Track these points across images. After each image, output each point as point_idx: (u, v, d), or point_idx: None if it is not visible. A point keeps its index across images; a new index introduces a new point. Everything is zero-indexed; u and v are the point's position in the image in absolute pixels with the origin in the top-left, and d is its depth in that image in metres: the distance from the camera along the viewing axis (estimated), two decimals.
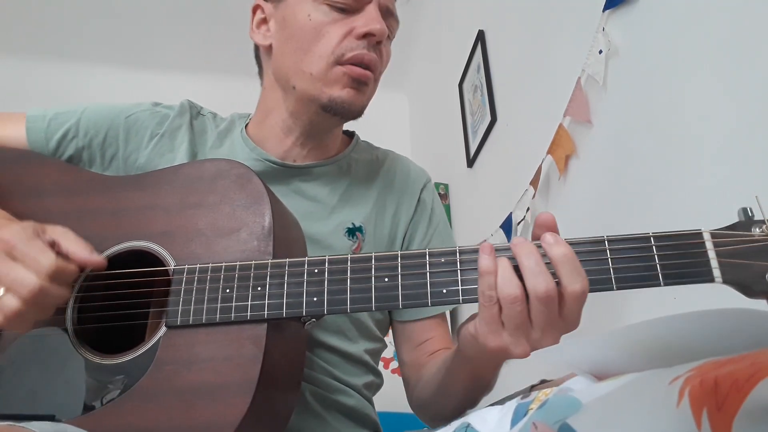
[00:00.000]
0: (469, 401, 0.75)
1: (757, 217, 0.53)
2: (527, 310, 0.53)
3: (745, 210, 0.54)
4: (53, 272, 0.59)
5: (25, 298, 0.57)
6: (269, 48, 0.86)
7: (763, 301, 0.51)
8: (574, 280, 0.52)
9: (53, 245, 0.61)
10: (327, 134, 0.88)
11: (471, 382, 0.71)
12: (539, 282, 0.52)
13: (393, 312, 0.90)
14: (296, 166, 0.87)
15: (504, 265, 0.54)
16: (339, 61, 0.78)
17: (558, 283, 0.53)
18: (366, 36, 0.78)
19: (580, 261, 0.54)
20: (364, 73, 0.79)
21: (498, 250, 0.56)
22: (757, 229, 0.52)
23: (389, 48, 0.87)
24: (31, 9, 2.42)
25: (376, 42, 0.80)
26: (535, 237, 0.57)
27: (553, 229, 0.57)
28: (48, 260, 0.59)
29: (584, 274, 0.53)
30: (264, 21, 0.87)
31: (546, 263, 0.54)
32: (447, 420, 0.82)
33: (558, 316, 0.53)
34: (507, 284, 0.53)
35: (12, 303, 0.57)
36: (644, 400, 0.32)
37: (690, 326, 0.37)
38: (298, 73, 0.81)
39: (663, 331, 0.38)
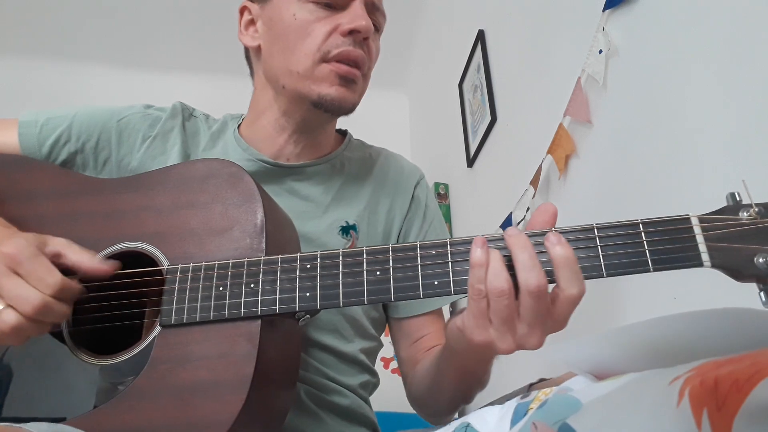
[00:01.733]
0: (461, 397, 0.75)
1: (745, 201, 0.53)
2: (515, 305, 0.53)
3: (732, 194, 0.54)
4: (59, 291, 0.58)
5: (27, 315, 0.57)
6: (258, 49, 0.86)
7: (756, 294, 0.51)
8: (572, 284, 0.52)
9: (57, 257, 0.61)
10: (319, 131, 0.88)
11: (460, 376, 0.71)
12: (531, 276, 0.52)
13: (389, 309, 0.90)
14: (289, 166, 0.87)
15: (495, 258, 0.53)
16: (325, 59, 0.79)
17: (555, 285, 0.53)
18: (352, 32, 0.79)
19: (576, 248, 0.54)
20: (350, 71, 0.79)
21: (491, 241, 0.56)
22: (745, 213, 0.52)
23: (378, 43, 0.87)
24: (31, 9, 2.42)
25: (363, 38, 0.80)
26: (534, 223, 0.57)
27: (553, 219, 0.56)
28: (54, 279, 0.58)
29: (582, 279, 0.52)
30: (252, 22, 0.87)
31: (542, 260, 0.53)
32: (442, 415, 0.83)
33: (547, 313, 0.53)
34: (496, 277, 0.52)
35: (10, 318, 0.57)
36: (644, 400, 0.32)
37: (690, 326, 0.37)
38: (286, 73, 0.81)
39: (663, 331, 0.38)
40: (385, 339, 0.93)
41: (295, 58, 0.80)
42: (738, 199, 0.53)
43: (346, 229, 0.85)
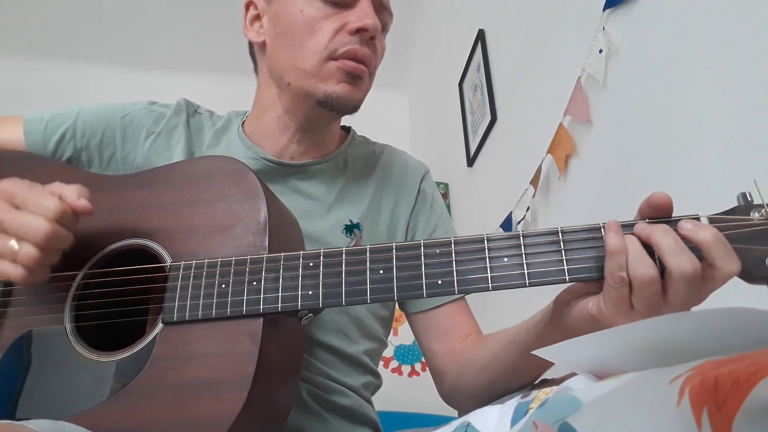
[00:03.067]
0: (537, 378, 0.71)
1: (757, 201, 0.52)
2: (662, 290, 0.50)
3: (744, 194, 0.52)
4: (60, 214, 0.59)
5: (39, 244, 0.57)
6: (263, 45, 0.86)
7: (764, 293, 0.50)
8: (730, 261, 0.49)
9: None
10: (323, 130, 0.88)
11: (528, 367, 0.67)
12: (684, 260, 0.49)
13: (406, 304, 0.88)
14: (293, 164, 0.86)
15: (634, 244, 0.51)
16: (332, 57, 0.78)
17: (709, 265, 0.50)
18: (359, 31, 0.78)
19: (576, 248, 0.54)
20: (357, 67, 0.79)
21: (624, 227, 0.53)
22: (757, 214, 0.51)
23: (383, 42, 0.87)
24: (31, 9, 2.42)
25: (370, 37, 0.79)
26: (642, 213, 0.55)
27: (670, 210, 0.54)
28: (53, 203, 0.59)
29: (736, 256, 0.50)
30: (257, 17, 0.87)
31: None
32: (497, 398, 0.75)
33: (697, 295, 0.50)
34: (640, 265, 0.50)
35: (30, 251, 0.57)
36: (644, 400, 0.32)
37: (690, 326, 0.37)
38: (292, 70, 0.81)
39: (663, 331, 0.38)
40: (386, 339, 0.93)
41: (301, 55, 0.79)
42: (749, 199, 0.52)
43: (350, 228, 0.85)
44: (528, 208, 1.44)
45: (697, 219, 0.53)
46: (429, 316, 0.86)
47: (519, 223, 1.47)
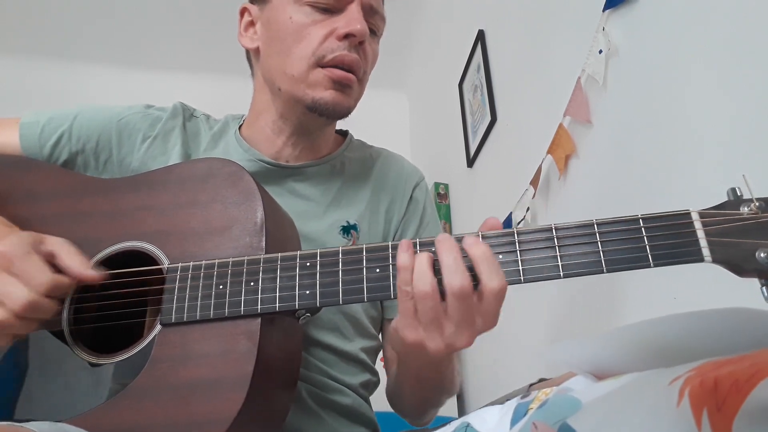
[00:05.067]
0: (421, 401, 0.78)
1: (746, 196, 0.53)
2: (443, 306, 0.55)
3: (733, 189, 0.53)
4: (49, 289, 0.59)
5: (14, 312, 0.58)
6: (257, 50, 0.87)
7: (757, 291, 0.50)
8: (492, 278, 0.54)
9: (51, 257, 0.62)
10: (317, 134, 0.89)
11: (416, 382, 0.73)
12: (455, 278, 0.53)
13: (385, 311, 0.90)
14: (290, 166, 0.87)
15: (421, 261, 0.55)
16: (320, 63, 0.79)
17: (477, 281, 0.54)
18: (347, 36, 0.79)
19: (570, 245, 0.55)
20: (345, 76, 0.79)
21: (423, 245, 0.58)
22: (746, 208, 0.52)
23: (376, 47, 0.87)
24: (31, 9, 2.42)
25: (359, 42, 0.80)
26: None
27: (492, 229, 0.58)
28: (44, 277, 0.59)
29: (502, 273, 0.54)
30: (251, 24, 0.88)
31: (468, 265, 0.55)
32: (411, 417, 0.87)
33: (474, 313, 0.55)
34: (420, 280, 0.54)
35: (2, 314, 0.58)
36: (644, 400, 0.32)
37: (690, 326, 0.37)
38: (282, 75, 0.81)
39: (663, 331, 0.38)
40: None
41: (290, 60, 0.80)
42: (739, 194, 0.53)
43: (347, 229, 0.85)
44: (528, 209, 1.44)
45: (687, 214, 0.54)
46: (386, 325, 0.90)
47: (519, 223, 1.47)
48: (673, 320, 0.38)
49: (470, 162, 1.98)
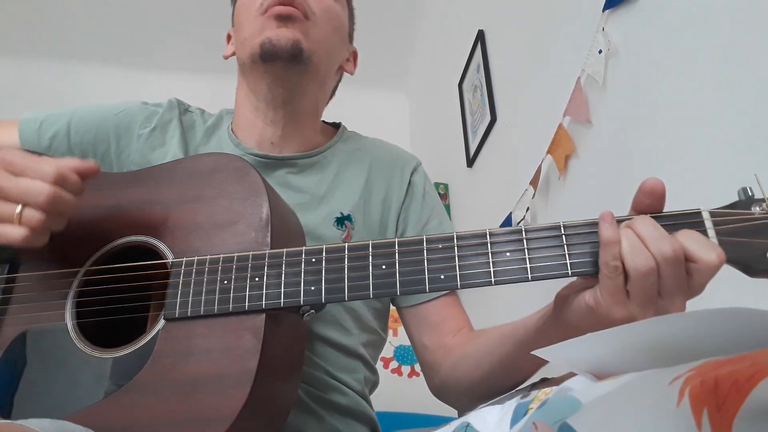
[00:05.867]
0: (531, 375, 0.70)
1: (758, 195, 0.52)
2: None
3: (744, 189, 0.53)
4: (59, 177, 0.59)
5: (43, 207, 0.58)
6: (233, 54, 0.92)
7: (764, 292, 0.50)
8: (708, 252, 0.50)
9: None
10: (294, 105, 0.88)
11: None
12: (664, 245, 0.50)
13: (398, 300, 0.88)
14: (281, 158, 0.87)
15: (629, 235, 0.52)
16: (262, 12, 0.83)
17: (689, 260, 0.50)
18: None
19: (576, 243, 0.54)
20: (283, 9, 0.82)
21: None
22: (757, 208, 0.51)
23: (330, 1, 0.88)
24: (31, 9, 2.42)
25: None
26: (637, 203, 0.55)
27: (662, 194, 0.55)
28: (50, 167, 0.59)
29: (715, 246, 0.51)
30: (229, 38, 0.95)
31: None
32: (492, 397, 0.75)
33: (685, 283, 0.51)
34: (639, 255, 0.50)
35: (35, 214, 0.58)
36: (644, 400, 0.32)
37: (690, 326, 0.37)
38: (241, 47, 0.86)
39: (663, 331, 0.38)
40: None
41: (244, 28, 0.85)
42: (750, 193, 0.53)
43: (341, 220, 0.85)
44: (528, 209, 1.44)
45: (698, 213, 0.53)
46: (419, 310, 0.85)
47: (519, 223, 1.47)
48: (674, 320, 0.38)
49: (470, 162, 1.99)
